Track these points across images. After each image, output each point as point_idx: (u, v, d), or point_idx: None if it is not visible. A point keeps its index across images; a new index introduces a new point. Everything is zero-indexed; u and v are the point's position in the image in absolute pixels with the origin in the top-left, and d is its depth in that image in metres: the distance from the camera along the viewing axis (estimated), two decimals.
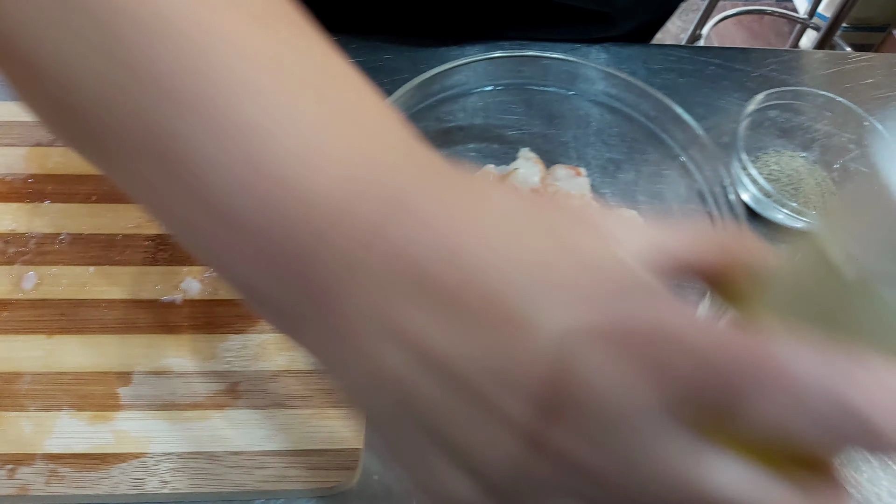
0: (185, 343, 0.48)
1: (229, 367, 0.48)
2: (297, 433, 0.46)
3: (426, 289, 0.23)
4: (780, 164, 0.61)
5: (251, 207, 0.24)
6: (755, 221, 0.60)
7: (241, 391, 0.47)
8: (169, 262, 0.51)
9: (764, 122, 0.63)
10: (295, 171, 0.24)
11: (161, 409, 0.46)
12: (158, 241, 0.52)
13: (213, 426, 0.46)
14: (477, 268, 0.23)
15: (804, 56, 0.75)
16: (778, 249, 0.26)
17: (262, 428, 0.46)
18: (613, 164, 0.60)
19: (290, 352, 0.48)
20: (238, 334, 0.49)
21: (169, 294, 0.50)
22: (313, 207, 0.24)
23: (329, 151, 0.25)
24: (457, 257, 0.23)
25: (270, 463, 0.45)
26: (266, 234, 0.24)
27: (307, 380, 0.47)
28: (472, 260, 0.23)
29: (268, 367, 0.48)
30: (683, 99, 0.67)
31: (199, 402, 0.47)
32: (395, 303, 0.23)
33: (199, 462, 0.45)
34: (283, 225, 0.24)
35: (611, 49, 0.70)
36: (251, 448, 0.45)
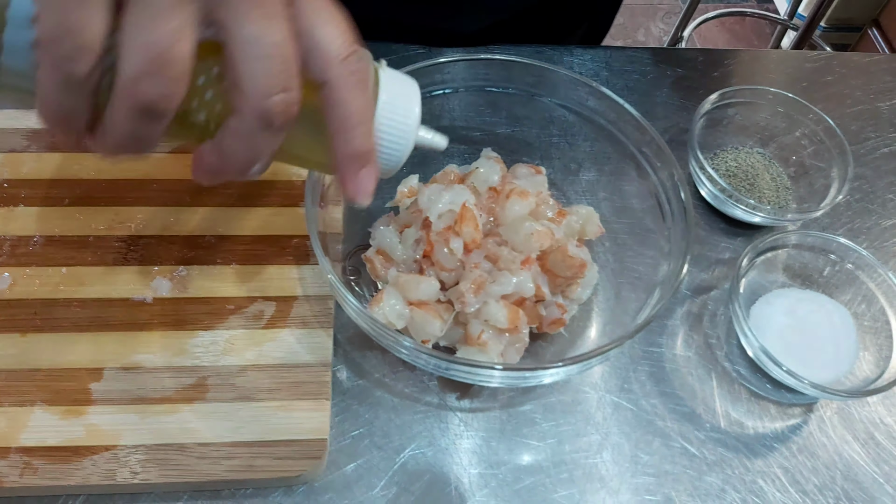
0: (155, 340, 0.50)
1: (198, 362, 0.49)
2: (263, 425, 0.47)
3: None
4: (737, 161, 0.63)
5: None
6: (714, 216, 0.62)
7: (209, 385, 0.48)
8: (140, 262, 0.53)
9: (722, 120, 0.65)
10: None
11: (131, 403, 0.48)
12: (129, 242, 0.54)
13: (182, 419, 0.47)
14: None
15: (763, 56, 0.77)
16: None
17: (229, 420, 0.47)
18: (576, 163, 0.62)
19: (258, 347, 0.50)
20: (207, 331, 0.50)
21: (140, 293, 0.52)
22: None
23: None
24: None
25: (238, 454, 0.46)
26: None
27: (274, 373, 0.49)
28: None
29: (236, 362, 0.49)
30: (645, 99, 0.69)
31: (168, 396, 0.48)
32: None
33: (168, 453, 0.46)
34: None
35: (575, 51, 0.71)
36: (219, 439, 0.47)
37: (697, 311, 0.57)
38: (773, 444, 0.52)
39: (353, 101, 0.34)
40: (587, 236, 0.55)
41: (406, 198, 0.56)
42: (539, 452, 0.50)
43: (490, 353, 0.48)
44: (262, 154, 0.33)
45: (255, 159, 0.33)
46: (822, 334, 0.55)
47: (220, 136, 0.33)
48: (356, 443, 0.49)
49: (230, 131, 0.32)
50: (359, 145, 0.35)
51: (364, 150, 0.36)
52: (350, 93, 0.34)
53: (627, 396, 0.53)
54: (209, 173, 0.34)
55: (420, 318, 0.48)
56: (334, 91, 0.34)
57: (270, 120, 0.31)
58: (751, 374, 0.55)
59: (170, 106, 0.30)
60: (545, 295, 0.50)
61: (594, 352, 0.44)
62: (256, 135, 0.32)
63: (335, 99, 0.34)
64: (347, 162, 0.35)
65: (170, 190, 0.56)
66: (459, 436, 0.50)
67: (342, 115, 0.34)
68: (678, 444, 0.51)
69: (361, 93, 0.35)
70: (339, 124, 0.34)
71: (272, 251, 0.54)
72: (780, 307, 0.55)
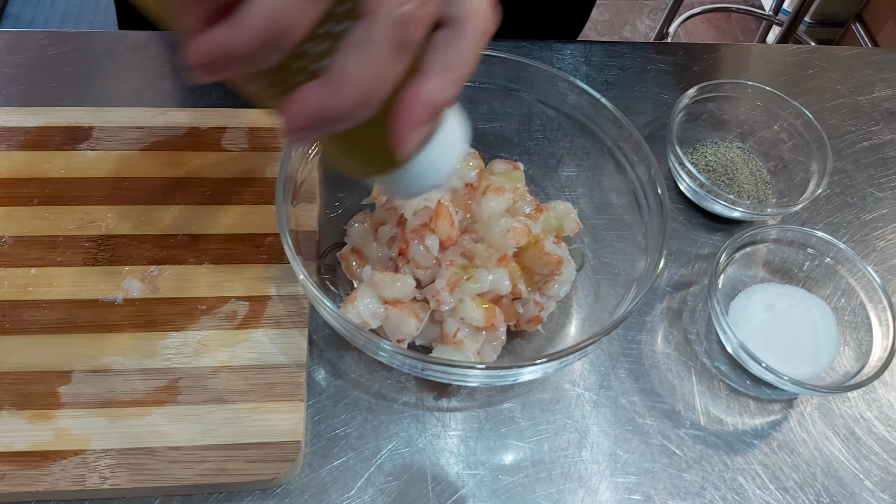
0: (125, 342, 0.49)
1: (169, 363, 0.48)
2: (236, 427, 0.46)
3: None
4: (717, 155, 0.63)
5: None
6: (694, 211, 0.62)
7: (180, 387, 0.48)
8: (110, 263, 0.52)
9: (702, 115, 0.64)
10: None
11: (101, 406, 0.47)
12: (100, 241, 0.53)
13: (152, 422, 0.46)
14: None
15: (743, 50, 0.76)
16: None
17: (201, 423, 0.46)
18: (555, 158, 0.61)
19: (231, 348, 0.49)
20: (178, 332, 0.50)
21: (110, 294, 0.51)
22: None
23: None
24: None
25: (210, 457, 0.45)
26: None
27: (247, 375, 0.48)
28: None
29: (208, 364, 0.48)
30: (624, 94, 0.68)
31: (138, 398, 0.47)
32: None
33: (138, 458, 0.45)
34: None
35: (554, 46, 0.71)
36: (191, 443, 0.46)
37: (677, 307, 0.57)
38: (753, 441, 0.52)
39: (473, 49, 0.30)
40: (565, 232, 0.54)
41: (382, 195, 0.55)
42: (517, 451, 0.50)
43: (466, 351, 0.47)
44: (386, 81, 0.27)
45: (376, 89, 0.27)
46: (801, 329, 0.54)
47: (340, 58, 0.27)
48: (332, 444, 0.49)
49: (355, 45, 0.27)
50: (446, 93, 0.30)
51: (445, 100, 0.30)
52: (476, 38, 0.30)
53: (607, 394, 0.52)
54: (312, 117, 0.27)
55: (395, 316, 0.48)
56: (463, 26, 0.29)
57: (408, 29, 0.26)
58: (731, 370, 0.54)
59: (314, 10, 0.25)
60: (522, 292, 0.49)
61: (570, 349, 0.44)
62: (386, 50, 0.26)
63: (459, 34, 0.29)
64: (421, 104, 0.29)
65: (141, 188, 0.55)
66: (437, 436, 0.50)
67: (454, 56, 0.29)
68: (657, 441, 0.51)
69: (482, 46, 0.30)
70: (444, 62, 0.29)
71: (246, 250, 0.53)
72: (759, 302, 0.55)
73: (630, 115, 0.67)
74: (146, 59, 0.66)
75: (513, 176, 0.53)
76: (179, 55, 0.27)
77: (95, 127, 0.58)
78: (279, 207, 0.46)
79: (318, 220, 0.55)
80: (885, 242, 0.62)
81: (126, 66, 0.65)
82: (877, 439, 0.52)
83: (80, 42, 0.66)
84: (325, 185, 0.59)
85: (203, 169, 0.56)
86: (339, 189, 0.59)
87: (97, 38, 0.67)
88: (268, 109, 0.31)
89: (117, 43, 0.67)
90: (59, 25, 2.18)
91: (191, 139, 0.58)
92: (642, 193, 0.52)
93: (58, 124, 0.58)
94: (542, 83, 0.58)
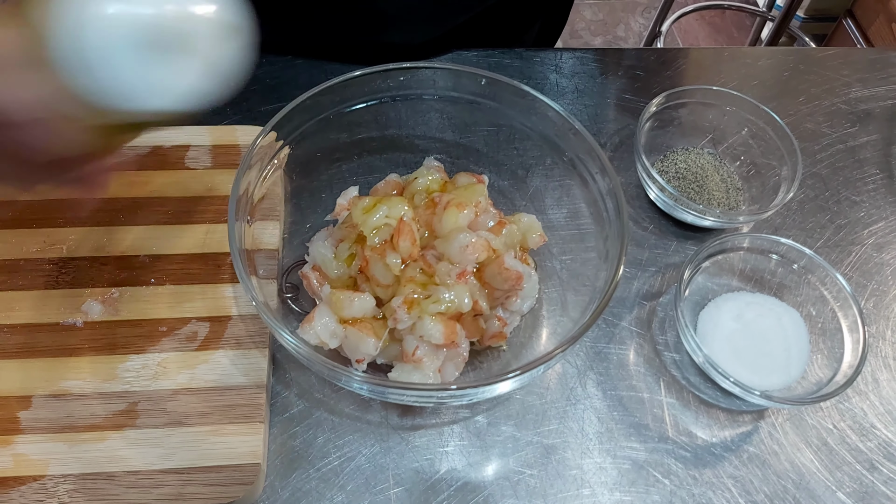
0: (85, 365, 0.49)
1: (129, 387, 0.48)
2: (194, 451, 0.46)
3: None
4: (687, 163, 0.62)
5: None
6: (665, 220, 0.61)
7: (139, 411, 0.47)
8: (71, 285, 0.52)
9: (673, 121, 0.64)
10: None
11: (60, 431, 0.46)
12: (61, 264, 0.52)
13: (111, 447, 0.46)
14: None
15: (716, 54, 0.75)
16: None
17: (160, 447, 0.46)
18: (523, 169, 0.61)
19: (191, 370, 0.49)
20: (138, 354, 0.49)
21: (70, 317, 0.50)
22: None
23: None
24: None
25: (168, 481, 0.45)
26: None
27: (206, 397, 0.48)
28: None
29: (167, 386, 0.48)
30: (595, 101, 0.68)
31: (97, 423, 0.47)
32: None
33: (97, 483, 0.45)
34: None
35: (524, 55, 0.70)
36: (149, 467, 0.45)
37: (646, 317, 0.56)
38: (723, 454, 0.51)
39: None
40: (529, 245, 0.53)
41: (345, 210, 0.54)
42: (480, 469, 0.49)
43: (426, 369, 0.47)
44: None
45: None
46: (772, 338, 0.53)
47: None
48: (294, 465, 0.48)
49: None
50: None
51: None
52: None
53: (574, 407, 0.52)
54: None
55: (354, 336, 0.47)
56: None
57: None
58: (701, 381, 0.53)
59: None
60: (483, 309, 0.48)
61: (527, 366, 0.43)
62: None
63: None
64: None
65: (103, 209, 0.55)
66: (401, 455, 0.49)
67: None
68: (625, 455, 0.50)
69: None
70: None
71: (207, 270, 0.53)
72: (729, 311, 0.54)
73: (600, 123, 0.66)
74: None
75: (475, 189, 0.53)
76: None
77: None
78: (231, 226, 0.45)
79: (280, 238, 0.55)
80: (860, 247, 0.61)
81: None
82: (850, 449, 0.52)
83: None
84: (291, 200, 0.58)
85: (166, 188, 0.56)
86: (306, 205, 0.58)
87: None
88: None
89: None
90: None
91: (154, 158, 0.57)
92: (603, 205, 0.52)
93: None
94: (508, 95, 0.57)
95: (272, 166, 0.53)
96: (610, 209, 0.50)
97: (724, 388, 0.52)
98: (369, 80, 0.56)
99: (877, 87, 0.71)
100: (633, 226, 0.61)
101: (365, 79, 0.55)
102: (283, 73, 0.67)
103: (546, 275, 0.56)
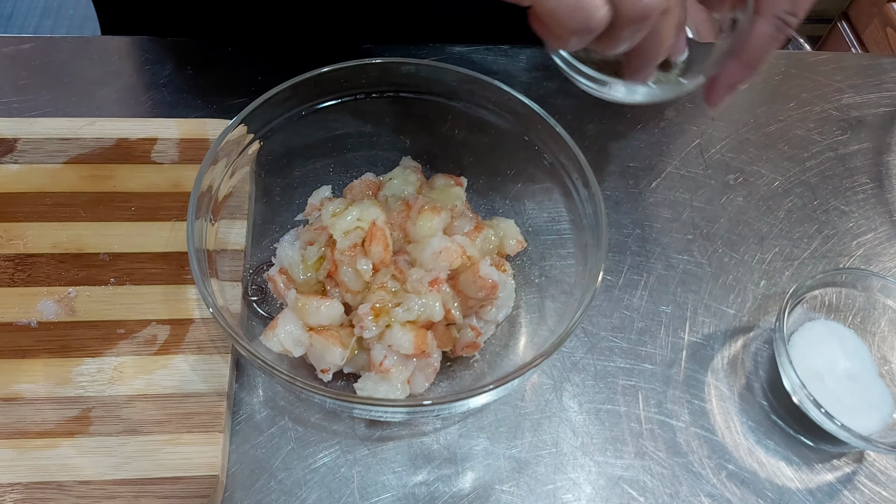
0: (37, 368, 0.47)
1: (83, 392, 0.46)
2: (149, 460, 0.44)
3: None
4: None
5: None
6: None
7: (93, 417, 0.45)
8: (26, 283, 0.49)
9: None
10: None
11: (9, 437, 0.44)
12: (18, 261, 0.50)
13: (62, 454, 0.44)
14: None
15: None
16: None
17: (113, 455, 0.44)
18: (503, 171, 0.59)
19: (148, 375, 0.47)
20: (94, 357, 0.47)
21: (24, 317, 0.48)
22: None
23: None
24: None
25: (121, 492, 0.43)
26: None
27: (164, 404, 0.46)
28: None
29: (123, 392, 0.46)
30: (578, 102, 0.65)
31: (49, 429, 0.45)
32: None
33: (46, 492, 0.43)
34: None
35: (510, 52, 0.68)
36: (101, 477, 0.43)
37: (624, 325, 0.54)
38: (700, 472, 0.49)
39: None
40: (507, 251, 0.51)
41: (316, 210, 0.52)
42: (451, 483, 0.47)
43: (393, 380, 0.45)
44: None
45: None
46: (862, 374, 0.52)
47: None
48: (254, 476, 0.46)
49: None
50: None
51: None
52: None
53: (549, 420, 0.50)
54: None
55: (320, 345, 0.45)
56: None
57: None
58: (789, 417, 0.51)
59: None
60: (455, 318, 0.47)
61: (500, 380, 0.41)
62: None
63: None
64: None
65: (63, 204, 0.53)
66: (367, 467, 0.47)
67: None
68: (599, 470, 0.48)
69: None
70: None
71: (170, 270, 0.51)
72: (819, 345, 0.52)
73: (584, 124, 0.64)
74: (83, 66, 0.63)
75: (451, 193, 0.51)
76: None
77: (20, 139, 0.55)
78: (190, 225, 0.43)
79: (248, 238, 0.53)
80: (847, 258, 0.60)
81: (60, 74, 0.63)
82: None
83: (9, 47, 0.64)
84: (261, 199, 0.56)
85: (130, 183, 0.54)
86: (277, 203, 0.56)
87: (30, 43, 0.64)
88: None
89: (52, 50, 0.64)
90: (38, 20, 2.15)
91: (119, 151, 0.55)
92: (583, 210, 0.50)
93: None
94: (488, 94, 0.55)
95: (240, 162, 0.51)
96: (589, 214, 0.48)
97: (825, 429, 0.49)
98: (346, 75, 0.54)
99: (869, 94, 0.70)
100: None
101: (341, 73, 0.53)
102: (260, 65, 0.65)
103: (524, 281, 0.54)
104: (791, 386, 0.50)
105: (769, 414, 0.52)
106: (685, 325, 0.55)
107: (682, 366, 0.53)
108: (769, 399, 0.52)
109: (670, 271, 0.57)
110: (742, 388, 0.52)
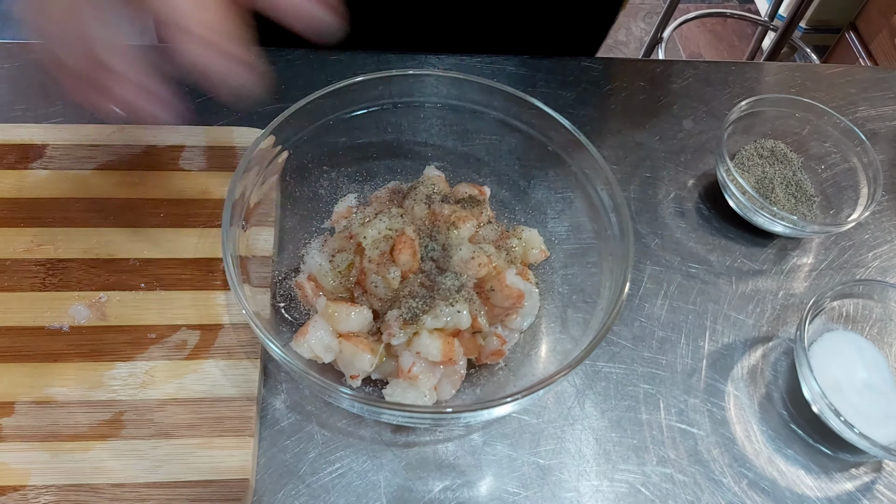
0: (70, 372, 0.47)
1: (115, 395, 0.47)
2: (181, 464, 0.45)
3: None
4: (763, 169, 0.63)
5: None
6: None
7: (125, 421, 0.46)
8: (58, 288, 0.50)
9: (753, 126, 0.64)
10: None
11: (43, 440, 0.45)
12: (49, 266, 0.51)
13: (95, 457, 0.45)
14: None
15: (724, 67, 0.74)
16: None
17: (145, 459, 0.45)
18: (526, 180, 0.60)
19: (179, 380, 0.47)
20: (125, 362, 0.48)
21: (56, 321, 0.49)
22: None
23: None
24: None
25: (153, 495, 0.44)
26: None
27: (195, 408, 0.46)
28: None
29: (155, 396, 0.47)
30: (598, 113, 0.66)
31: (81, 432, 0.45)
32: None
33: (80, 495, 0.44)
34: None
35: (528, 62, 0.69)
36: (134, 480, 0.44)
37: (641, 335, 0.55)
38: (721, 480, 0.50)
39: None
40: (530, 260, 0.52)
41: (343, 218, 0.53)
42: (475, 489, 0.48)
43: (421, 387, 0.45)
44: None
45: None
46: (880, 385, 0.52)
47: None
48: (282, 481, 0.47)
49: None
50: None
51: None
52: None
53: (572, 427, 0.51)
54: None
55: (349, 351, 0.46)
56: None
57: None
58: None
59: None
60: (481, 326, 0.47)
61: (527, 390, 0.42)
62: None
63: None
64: None
65: (94, 210, 0.53)
66: (394, 472, 0.48)
67: None
68: (622, 478, 0.49)
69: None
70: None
71: (199, 275, 0.51)
72: (838, 355, 0.53)
73: (603, 134, 0.65)
74: None
75: (477, 202, 0.51)
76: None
77: (49, 145, 0.56)
78: (225, 231, 0.44)
79: (275, 245, 0.53)
80: (864, 269, 0.60)
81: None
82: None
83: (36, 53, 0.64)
84: (287, 206, 0.57)
85: (159, 189, 0.55)
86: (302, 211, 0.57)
87: None
88: None
89: None
90: None
91: (147, 158, 0.56)
92: (607, 220, 0.50)
93: (11, 142, 0.56)
94: (510, 104, 0.56)
95: (269, 170, 0.51)
96: (614, 224, 0.49)
97: (845, 437, 0.49)
98: (371, 86, 0.55)
99: (883, 107, 0.70)
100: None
101: (367, 84, 0.54)
102: (282, 74, 0.66)
103: (546, 289, 0.55)
104: (811, 395, 0.50)
105: (788, 423, 0.52)
106: (705, 334, 0.56)
107: (703, 375, 0.54)
108: (788, 408, 0.53)
109: (690, 281, 0.58)
110: (762, 397, 0.53)
